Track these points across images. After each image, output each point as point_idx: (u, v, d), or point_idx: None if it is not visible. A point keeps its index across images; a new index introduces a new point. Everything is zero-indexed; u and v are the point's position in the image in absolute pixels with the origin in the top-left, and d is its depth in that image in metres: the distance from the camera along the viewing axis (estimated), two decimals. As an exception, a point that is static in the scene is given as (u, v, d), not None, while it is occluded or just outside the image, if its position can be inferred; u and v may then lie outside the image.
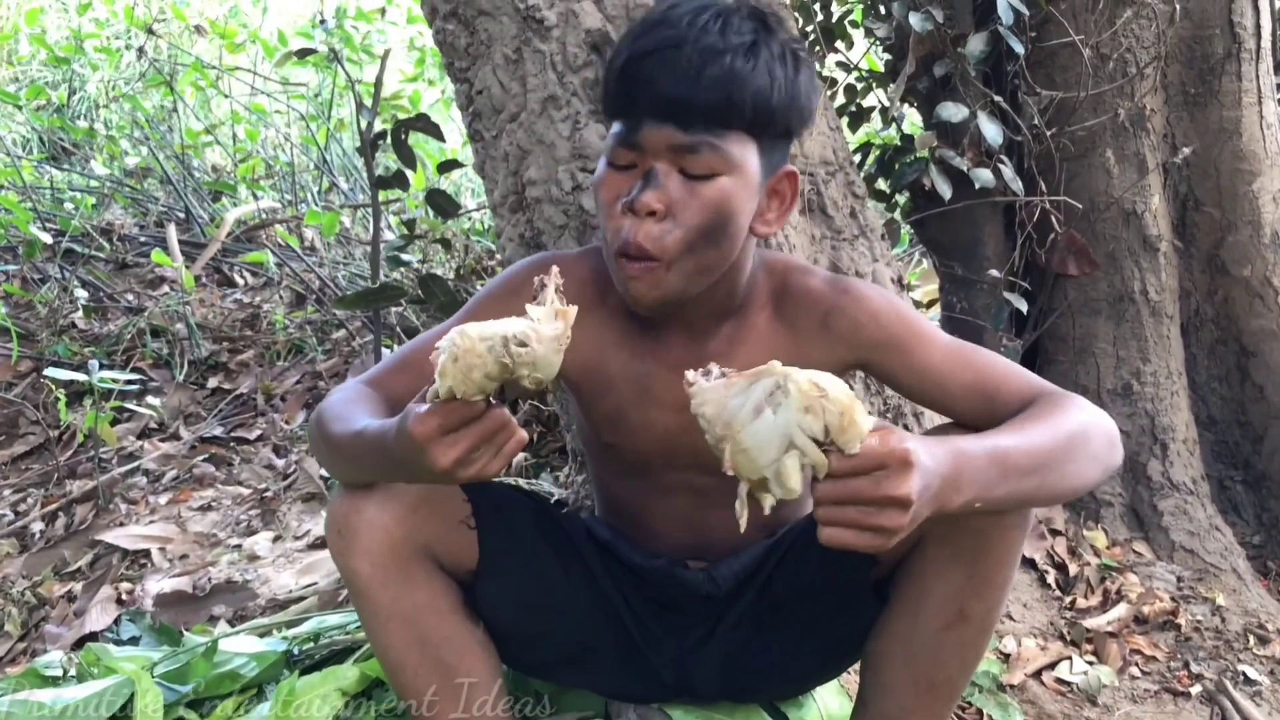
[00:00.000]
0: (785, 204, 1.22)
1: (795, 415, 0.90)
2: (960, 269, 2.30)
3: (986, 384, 1.20)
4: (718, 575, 1.37)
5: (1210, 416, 2.32)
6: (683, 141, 1.11)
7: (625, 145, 1.15)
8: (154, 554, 2.48)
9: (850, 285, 1.26)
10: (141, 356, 3.39)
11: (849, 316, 1.23)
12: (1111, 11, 2.14)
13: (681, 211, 1.13)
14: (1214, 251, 2.28)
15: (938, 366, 1.22)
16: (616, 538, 1.40)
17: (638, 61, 1.12)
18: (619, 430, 1.31)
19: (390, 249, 1.98)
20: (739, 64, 1.10)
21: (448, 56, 1.90)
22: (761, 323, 1.27)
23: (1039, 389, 1.18)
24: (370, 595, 1.21)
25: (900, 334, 1.23)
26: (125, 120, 5.01)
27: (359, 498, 1.19)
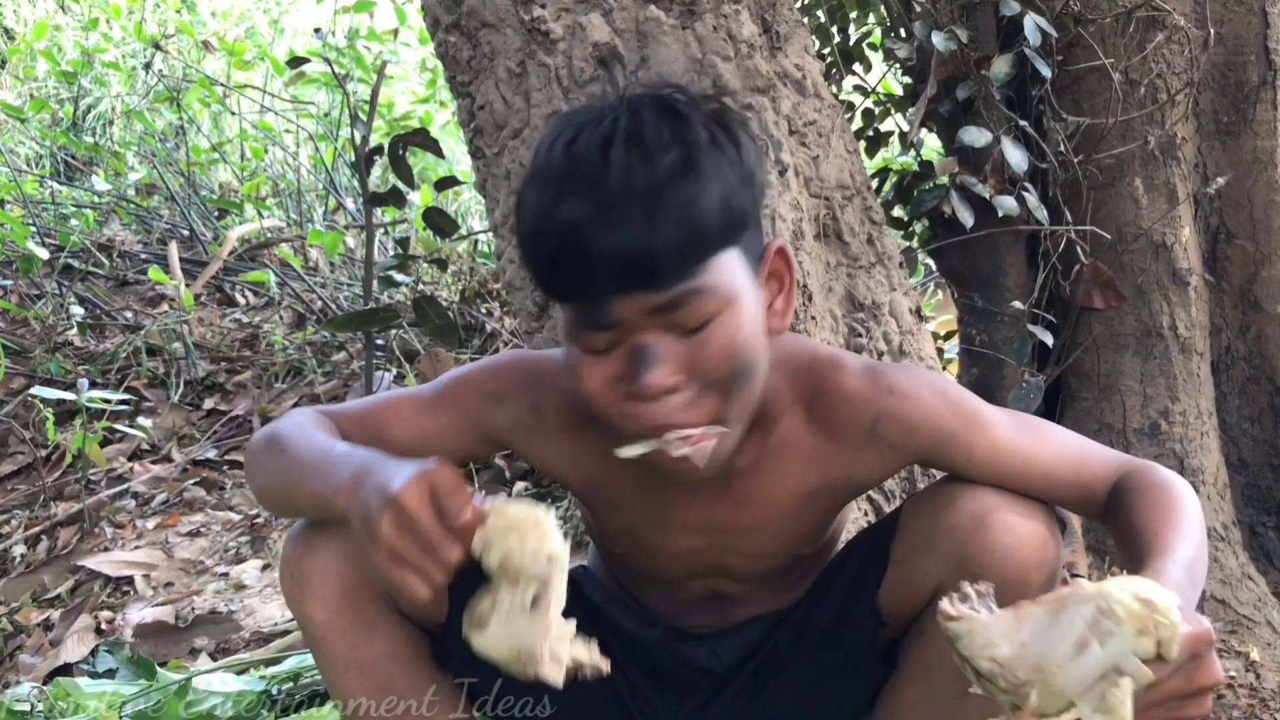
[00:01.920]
0: (787, 284, 1.06)
1: (1129, 642, 0.80)
2: (980, 300, 2.21)
3: (1067, 467, 1.10)
4: (719, 648, 1.26)
5: (1241, 459, 2.22)
6: (661, 302, 0.94)
7: (596, 328, 0.96)
8: (137, 581, 2.39)
9: (895, 382, 1.11)
10: (136, 376, 3.31)
11: (900, 421, 1.10)
12: (1142, 36, 2.06)
13: (700, 371, 0.97)
14: (1246, 286, 2.18)
15: (1008, 452, 1.10)
16: (608, 602, 1.30)
17: (574, 236, 0.92)
18: (633, 544, 1.21)
19: (383, 268, 1.90)
20: (684, 188, 0.92)
21: (449, 70, 1.83)
22: (793, 432, 1.13)
23: (1118, 463, 1.10)
24: (326, 644, 1.13)
25: (958, 427, 1.10)
26: (134, 137, 4.96)
27: (312, 542, 1.11)
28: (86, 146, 4.58)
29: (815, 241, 1.77)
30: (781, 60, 1.76)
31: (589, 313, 0.96)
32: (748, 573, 1.21)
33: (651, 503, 1.15)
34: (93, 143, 4.71)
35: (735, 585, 1.23)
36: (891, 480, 1.78)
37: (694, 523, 1.15)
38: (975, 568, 1.07)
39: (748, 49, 1.67)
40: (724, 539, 1.16)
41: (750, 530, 1.15)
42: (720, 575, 1.21)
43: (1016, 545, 1.07)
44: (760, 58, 1.68)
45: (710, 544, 1.17)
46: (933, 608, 1.11)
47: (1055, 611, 0.82)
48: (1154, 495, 1.04)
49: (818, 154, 1.78)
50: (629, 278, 0.93)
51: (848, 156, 1.83)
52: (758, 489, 1.13)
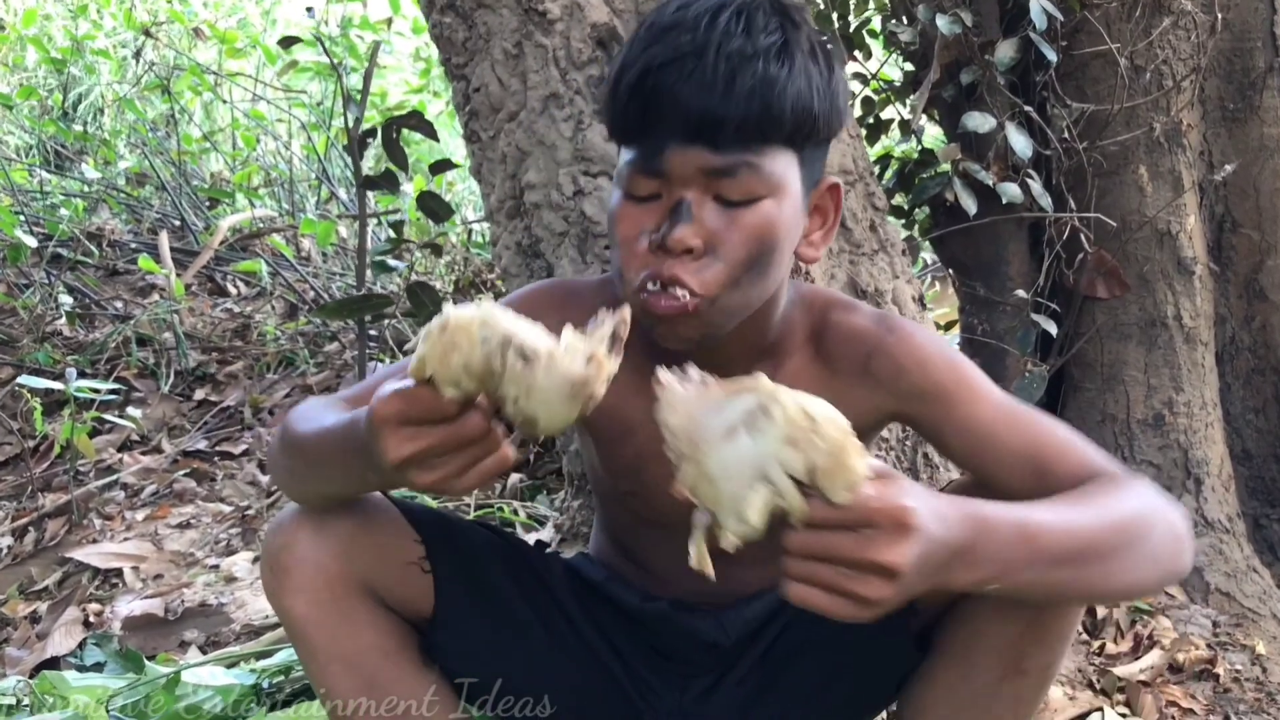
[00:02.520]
0: (829, 222, 1.09)
1: (775, 446, 0.76)
2: (982, 289, 2.18)
3: (1039, 453, 1.04)
4: (727, 622, 1.23)
5: (1245, 450, 2.19)
6: (716, 164, 0.97)
7: (646, 173, 1.00)
8: (126, 573, 2.35)
9: (899, 325, 1.12)
10: (126, 366, 3.27)
11: (893, 359, 1.09)
12: (1148, 21, 2.03)
13: (722, 244, 0.99)
14: (1252, 275, 2.15)
15: (986, 425, 1.06)
16: (610, 579, 1.27)
17: (654, 75, 0.97)
18: (639, 480, 1.18)
19: (376, 253, 1.86)
20: (773, 69, 0.96)
21: (444, 52, 1.79)
22: (799, 365, 1.13)
23: (1099, 468, 1.03)
24: (307, 637, 1.09)
25: (947, 384, 1.08)
26: (124, 125, 4.91)
27: (291, 532, 1.07)
28: (76, 135, 4.52)
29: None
30: (783, 43, 1.73)
31: (646, 155, 0.99)
32: None
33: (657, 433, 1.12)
34: (82, 131, 4.65)
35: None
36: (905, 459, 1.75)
37: None
38: None
39: (749, 30, 1.63)
40: None
41: None
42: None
43: None
44: (762, 39, 1.65)
45: None
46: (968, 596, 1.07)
47: (730, 395, 0.79)
48: (1092, 486, 0.98)
49: (820, 138, 1.75)
50: (696, 130, 0.96)
51: (850, 142, 1.79)
52: None
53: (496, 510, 2.37)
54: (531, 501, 2.54)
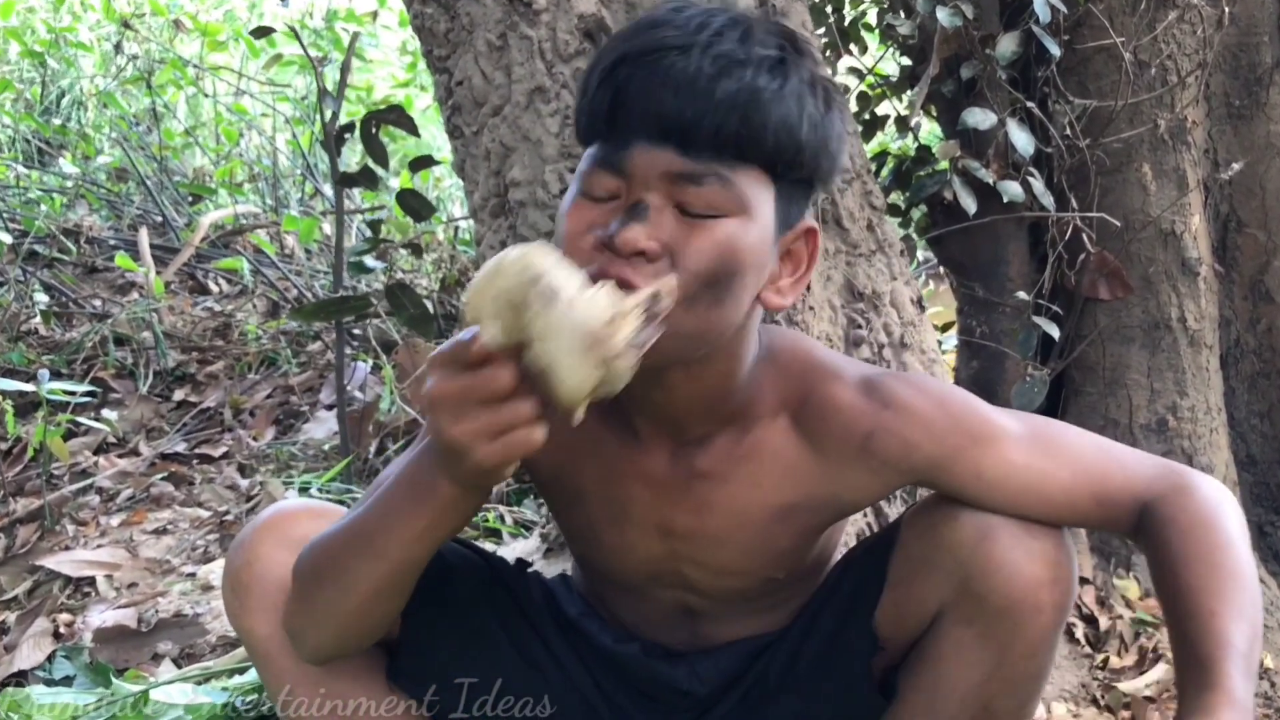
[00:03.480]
0: (801, 270, 0.99)
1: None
2: (981, 290, 2.12)
3: (1089, 483, 1.00)
4: (701, 669, 1.16)
5: (1249, 456, 2.14)
6: (684, 169, 0.89)
7: (606, 169, 0.91)
8: (99, 582, 2.28)
9: (891, 395, 1.01)
10: (103, 366, 3.19)
11: (897, 437, 1.00)
12: (1153, 15, 1.97)
13: (678, 253, 0.89)
14: (1257, 277, 2.10)
15: (1021, 475, 0.99)
16: (585, 615, 1.20)
17: (629, 65, 0.89)
18: (590, 548, 1.12)
19: (353, 253, 1.79)
20: (762, 80, 0.89)
21: (425, 44, 1.73)
22: (773, 438, 1.03)
23: (1149, 476, 1.00)
24: (271, 659, 1.05)
25: (964, 446, 1.00)
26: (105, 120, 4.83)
27: (252, 548, 1.03)
28: (53, 129, 4.44)
29: (813, 227, 1.68)
30: (778, 35, 1.67)
31: (609, 151, 0.92)
32: (713, 590, 1.11)
33: (610, 498, 1.06)
34: (60, 125, 4.57)
35: (702, 601, 1.13)
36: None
37: (652, 523, 1.05)
38: (980, 587, 0.98)
39: (743, 22, 1.57)
40: (684, 546, 1.07)
41: (713, 541, 1.06)
42: (686, 589, 1.12)
43: (1025, 561, 0.98)
44: (756, 31, 1.59)
45: (669, 551, 1.07)
46: (935, 631, 1.04)
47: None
48: (1199, 540, 0.95)
49: (816, 135, 1.69)
50: (667, 129, 0.89)
51: (847, 139, 1.73)
52: (723, 495, 1.03)
53: (482, 518, 2.31)
54: (518, 506, 2.48)
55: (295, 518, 1.06)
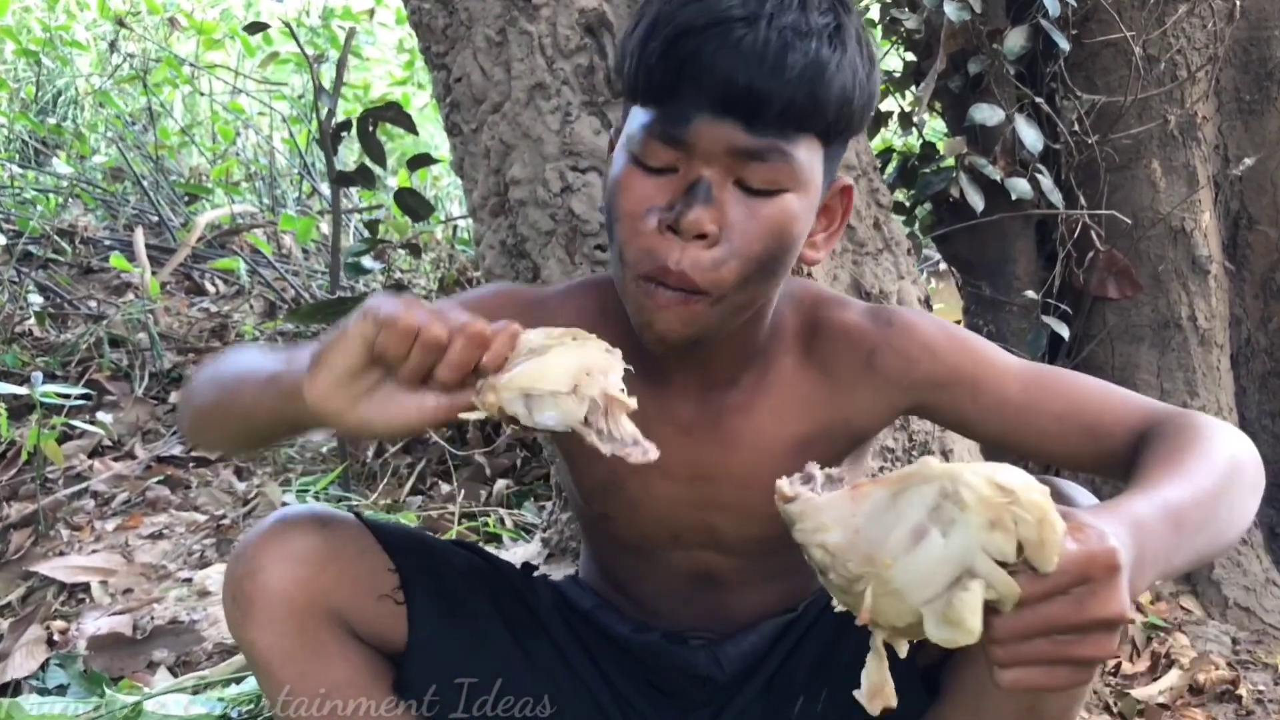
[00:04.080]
0: (835, 224, 1.01)
1: (977, 535, 0.65)
2: (988, 289, 2.09)
3: (1084, 413, 0.98)
4: (723, 655, 1.14)
5: (1261, 456, 2.10)
6: (749, 145, 0.88)
7: (665, 141, 0.90)
8: (94, 588, 2.24)
9: (895, 315, 1.05)
10: (98, 368, 3.16)
11: (899, 352, 1.02)
12: (1162, 8, 1.94)
13: (738, 236, 0.90)
14: (1269, 274, 2.07)
15: (1016, 399, 1.00)
16: (600, 607, 1.18)
17: (694, 36, 0.87)
18: (614, 502, 1.09)
19: (351, 254, 1.76)
20: (825, 52, 0.88)
21: (423, 40, 1.69)
22: (790, 370, 1.05)
23: (1147, 410, 0.97)
24: (273, 671, 1.01)
25: (963, 366, 1.02)
26: (100, 119, 4.79)
27: (254, 558, 1.00)
28: (48, 128, 4.40)
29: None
30: (783, 30, 1.63)
31: (669, 121, 0.90)
32: (737, 540, 1.10)
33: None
34: (54, 124, 4.53)
35: (726, 560, 1.11)
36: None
37: (680, 467, 1.04)
38: None
39: (748, 16, 1.54)
40: (710, 489, 1.06)
41: (737, 482, 1.06)
42: (708, 545, 1.10)
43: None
44: (761, 26, 1.55)
45: (697, 496, 1.06)
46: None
47: (897, 492, 0.68)
48: (1175, 437, 0.90)
49: (821, 132, 1.65)
50: (733, 104, 0.87)
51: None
52: (748, 429, 1.05)
53: (481, 522, 2.27)
54: (518, 509, 2.45)
55: (298, 527, 1.03)
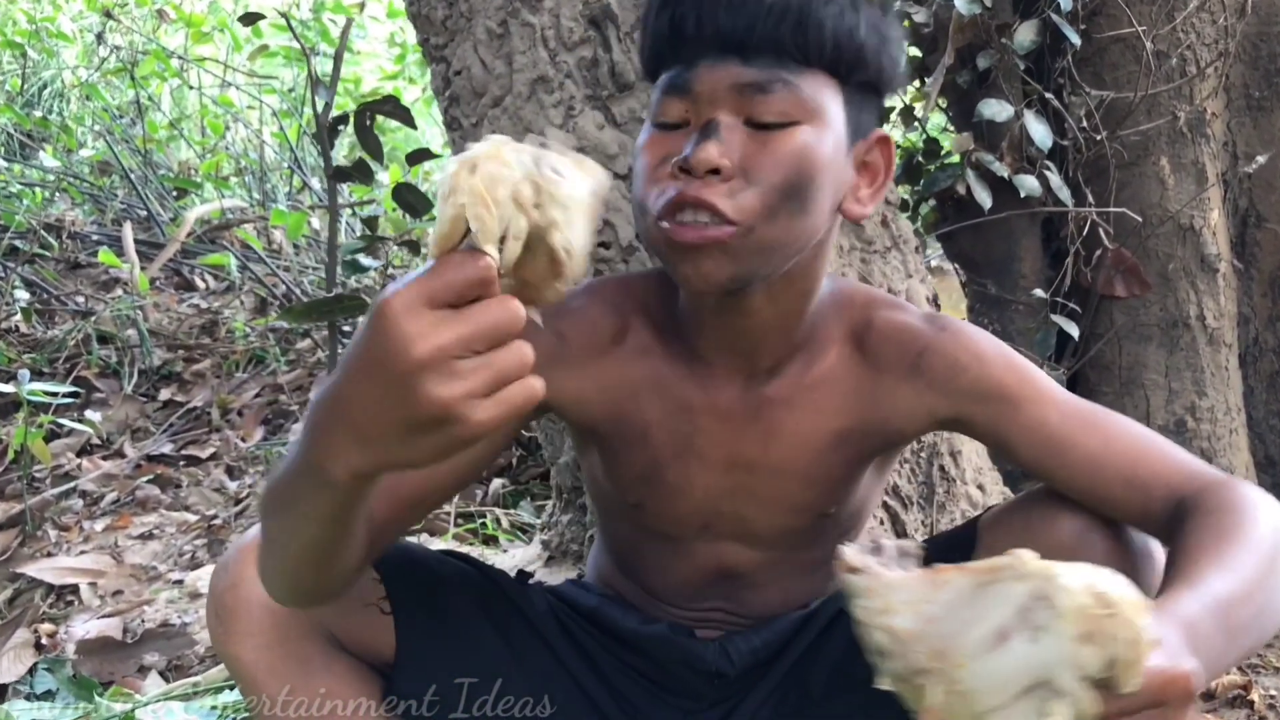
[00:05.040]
0: (880, 179, 0.99)
1: (1069, 647, 0.59)
2: (993, 287, 2.06)
3: (1122, 458, 0.96)
4: (732, 649, 1.12)
5: (1268, 457, 2.09)
6: (748, 78, 0.89)
7: (674, 93, 0.92)
8: (83, 590, 2.20)
9: (950, 322, 1.03)
10: (87, 365, 3.11)
11: (947, 356, 1.00)
12: (1172, 3, 1.91)
13: (755, 169, 0.89)
14: (1277, 273, 2.05)
15: (1056, 427, 0.98)
16: (605, 602, 1.16)
17: None
18: (650, 489, 1.07)
19: (348, 251, 1.72)
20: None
21: (422, 32, 1.65)
22: (838, 366, 1.03)
23: (1189, 472, 0.94)
24: (259, 686, 0.99)
25: (1009, 383, 1.00)
26: (87, 111, 4.73)
27: (237, 570, 0.97)
28: (33, 121, 4.34)
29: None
30: (790, 23, 1.60)
31: (675, 75, 0.92)
32: (767, 531, 1.08)
33: (677, 431, 1.04)
34: (40, 117, 4.47)
35: (749, 553, 1.09)
36: (909, 486, 1.63)
37: (719, 455, 1.03)
38: None
39: (756, 8, 1.50)
40: (747, 479, 1.04)
41: (775, 472, 1.04)
42: (736, 537, 1.08)
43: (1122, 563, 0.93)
44: (769, 19, 1.52)
45: (731, 485, 1.05)
46: None
47: (983, 584, 0.62)
48: (1219, 516, 0.88)
49: (830, 127, 1.62)
50: (726, 41, 0.89)
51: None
52: (789, 421, 1.03)
53: (480, 523, 2.24)
54: (514, 509, 2.42)
55: None
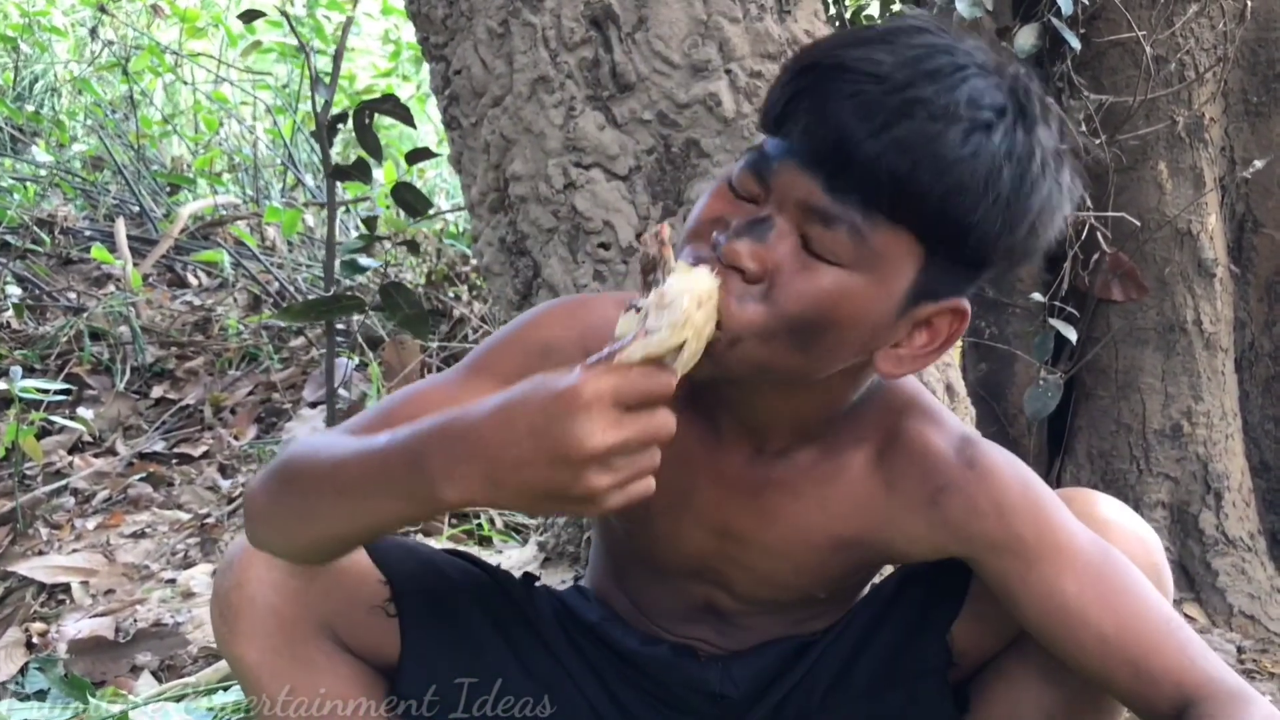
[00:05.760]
0: (936, 343, 0.89)
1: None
2: (990, 291, 2.06)
3: (1134, 646, 0.91)
4: (735, 671, 1.11)
5: (1263, 462, 2.09)
6: (821, 205, 0.81)
7: (753, 172, 0.85)
8: (74, 589, 2.19)
9: (980, 458, 0.95)
10: (79, 361, 3.09)
11: (968, 500, 0.94)
12: (1171, 8, 1.91)
13: (780, 286, 0.82)
14: (1273, 278, 2.06)
15: (1071, 598, 0.92)
16: (607, 619, 1.14)
17: (815, 74, 0.81)
18: (640, 529, 1.06)
19: (346, 251, 1.71)
20: (955, 136, 0.77)
21: (422, 30, 1.65)
22: (855, 466, 0.98)
23: (1203, 675, 0.90)
24: (262, 687, 0.99)
25: (1027, 538, 0.93)
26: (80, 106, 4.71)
27: (242, 570, 0.97)
28: (26, 115, 4.31)
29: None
30: (791, 25, 1.59)
31: (764, 156, 0.85)
32: (747, 595, 1.07)
33: (673, 484, 0.97)
34: (32, 111, 4.45)
35: (733, 603, 1.08)
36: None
37: (713, 519, 1.01)
38: None
39: (758, 10, 1.50)
40: (736, 550, 1.02)
41: (766, 552, 1.01)
42: (720, 587, 1.07)
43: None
44: (771, 20, 1.52)
45: (720, 550, 1.03)
46: (1020, 646, 1.00)
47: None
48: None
49: (830, 129, 1.62)
50: (821, 156, 0.80)
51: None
52: (790, 510, 0.99)
53: (475, 524, 2.23)
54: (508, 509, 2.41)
55: None
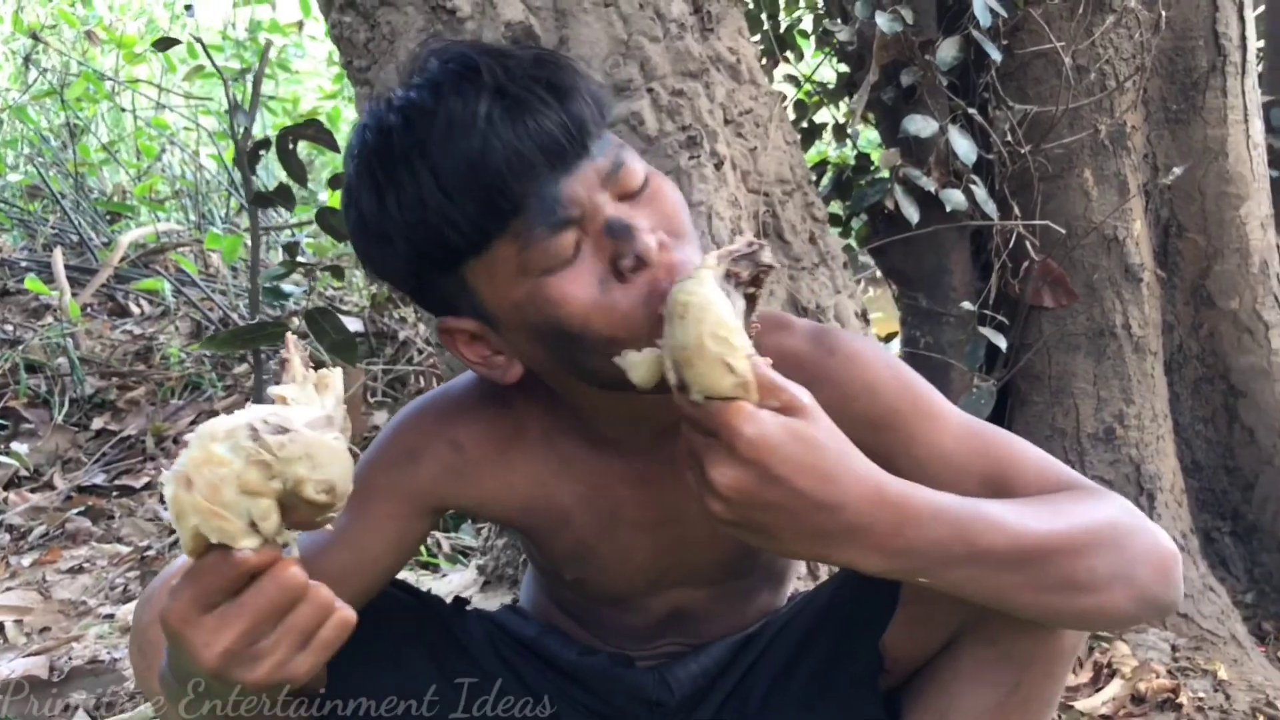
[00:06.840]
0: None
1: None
2: (925, 300, 2.08)
3: (1000, 471, 0.93)
4: (671, 677, 1.11)
5: (1195, 462, 2.12)
6: (604, 166, 0.86)
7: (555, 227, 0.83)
8: (8, 628, 2.14)
9: (839, 344, 0.98)
10: (15, 395, 3.04)
11: (837, 387, 0.94)
12: (1090, 19, 1.95)
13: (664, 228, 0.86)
14: (1199, 282, 2.09)
15: (948, 453, 0.94)
16: (545, 633, 1.14)
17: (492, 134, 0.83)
18: (585, 566, 1.05)
19: (269, 278, 1.69)
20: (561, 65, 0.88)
21: (345, 54, 1.64)
22: None
23: (1068, 480, 0.92)
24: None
25: (903, 410, 0.96)
26: (15, 135, 4.63)
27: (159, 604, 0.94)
28: (-41, 146, 4.25)
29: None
30: (714, 43, 1.60)
31: (542, 214, 0.82)
32: (710, 568, 1.07)
33: (600, 510, 1.01)
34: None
35: (698, 593, 1.09)
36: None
37: (649, 517, 1.01)
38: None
39: (678, 29, 1.51)
40: (681, 529, 1.02)
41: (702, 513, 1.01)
42: (682, 583, 1.07)
43: None
44: (692, 39, 1.52)
45: (670, 539, 1.03)
46: (952, 650, 1.00)
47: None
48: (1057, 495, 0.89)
49: (755, 145, 1.63)
50: (567, 147, 0.83)
51: (787, 149, 1.68)
52: None
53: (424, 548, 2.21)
54: (455, 532, 2.39)
55: None
